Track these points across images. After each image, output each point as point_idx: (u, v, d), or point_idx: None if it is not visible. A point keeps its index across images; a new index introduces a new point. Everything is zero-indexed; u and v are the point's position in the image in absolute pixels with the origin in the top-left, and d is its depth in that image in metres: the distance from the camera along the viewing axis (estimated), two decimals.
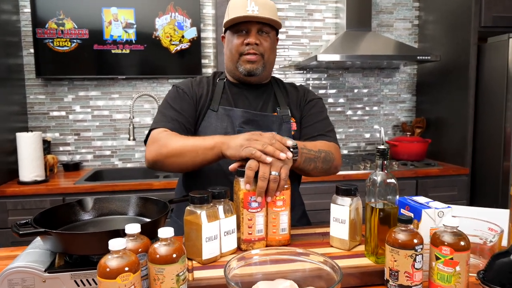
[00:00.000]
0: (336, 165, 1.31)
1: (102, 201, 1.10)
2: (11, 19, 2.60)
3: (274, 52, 1.43)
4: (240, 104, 1.41)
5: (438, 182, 2.64)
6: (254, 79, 1.41)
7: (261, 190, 1.01)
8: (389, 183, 0.97)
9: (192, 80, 1.45)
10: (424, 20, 3.19)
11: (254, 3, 1.31)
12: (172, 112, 1.35)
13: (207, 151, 1.14)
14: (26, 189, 2.19)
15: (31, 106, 2.77)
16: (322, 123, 1.42)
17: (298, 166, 1.17)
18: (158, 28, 2.80)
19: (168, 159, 1.20)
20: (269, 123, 1.37)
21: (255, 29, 1.34)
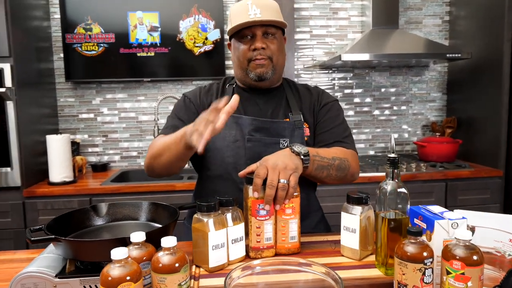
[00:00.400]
0: (353, 173, 1.28)
1: (115, 206, 1.12)
2: (42, 25, 2.69)
3: (283, 53, 1.40)
4: (250, 110, 1.38)
5: (469, 184, 2.54)
6: (265, 84, 1.38)
7: (269, 198, 1.00)
8: (399, 192, 0.94)
9: (201, 88, 1.45)
10: (455, 15, 3.08)
11: (255, 6, 1.28)
12: (176, 121, 1.36)
13: (178, 143, 1.12)
14: (55, 190, 2.26)
15: (61, 108, 2.86)
16: (339, 128, 1.38)
17: (310, 174, 1.15)
18: (182, 31, 2.83)
19: (154, 161, 1.24)
20: (280, 130, 1.34)
21: (260, 33, 1.31)
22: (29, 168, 2.33)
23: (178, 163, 1.21)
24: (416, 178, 2.48)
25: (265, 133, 1.33)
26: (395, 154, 0.98)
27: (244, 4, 1.30)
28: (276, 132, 1.34)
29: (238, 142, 1.32)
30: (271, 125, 1.34)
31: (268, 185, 1.00)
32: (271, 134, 1.33)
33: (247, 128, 1.33)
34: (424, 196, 2.50)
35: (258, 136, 1.32)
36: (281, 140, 1.33)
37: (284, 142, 1.33)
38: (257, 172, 1.01)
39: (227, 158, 1.32)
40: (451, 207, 2.51)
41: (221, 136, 1.33)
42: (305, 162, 1.09)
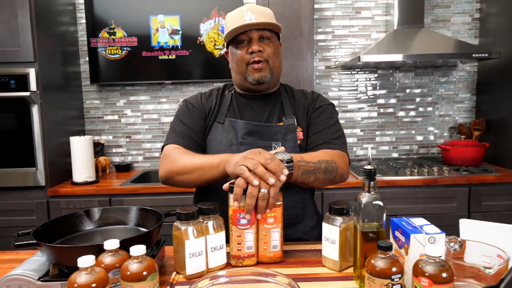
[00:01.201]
0: (341, 174, 1.27)
1: (108, 211, 1.16)
2: (69, 30, 2.80)
3: (279, 57, 1.42)
4: (246, 115, 1.41)
5: (494, 190, 2.43)
6: (264, 87, 1.40)
7: (249, 207, 1.00)
8: (375, 204, 0.92)
9: (202, 94, 1.48)
10: (486, 13, 2.95)
11: (250, 12, 1.32)
12: (182, 127, 1.38)
13: (214, 168, 1.16)
14: (77, 190, 2.36)
15: (87, 110, 2.97)
16: (329, 129, 1.38)
17: (296, 180, 1.15)
18: (202, 33, 2.86)
19: (178, 176, 1.25)
20: (273, 133, 1.36)
21: (256, 36, 1.34)
22: (54, 168, 2.44)
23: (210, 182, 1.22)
24: (437, 182, 2.40)
25: (258, 136, 1.35)
26: (372, 165, 0.95)
27: (239, 11, 1.34)
28: (268, 135, 1.35)
29: (233, 146, 1.35)
30: (263, 129, 1.36)
31: (248, 194, 1.00)
32: (263, 137, 1.35)
33: (240, 132, 1.35)
34: (445, 202, 2.42)
35: (251, 140, 1.34)
36: (274, 143, 1.35)
37: (276, 146, 1.34)
38: (237, 181, 1.02)
39: None
40: (474, 213, 2.42)
41: (218, 140, 1.37)
42: (289, 169, 1.08)
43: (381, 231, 0.92)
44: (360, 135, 3.08)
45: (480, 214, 2.42)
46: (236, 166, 1.04)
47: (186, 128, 1.37)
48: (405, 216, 2.44)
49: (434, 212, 2.42)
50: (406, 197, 2.41)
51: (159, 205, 2.35)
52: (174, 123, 1.41)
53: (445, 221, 2.42)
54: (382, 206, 0.92)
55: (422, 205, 2.41)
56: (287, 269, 1.02)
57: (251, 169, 1.01)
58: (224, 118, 1.39)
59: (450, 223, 2.41)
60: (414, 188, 2.41)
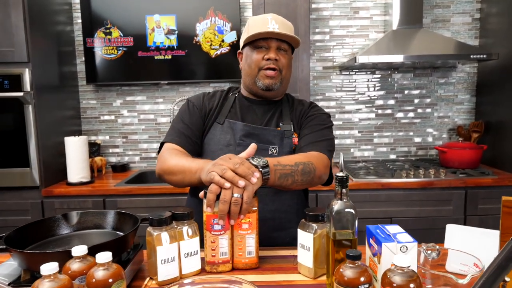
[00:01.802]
0: (319, 175, 1.28)
1: (87, 215, 1.16)
2: (66, 29, 2.80)
3: (290, 69, 1.47)
4: (247, 117, 1.46)
5: (491, 193, 2.40)
6: (271, 94, 1.45)
7: (222, 213, 1.00)
8: (347, 212, 0.90)
9: (205, 94, 1.52)
10: (486, 13, 2.91)
11: (274, 21, 1.37)
12: (181, 126, 1.43)
13: (192, 174, 1.18)
14: (72, 190, 2.36)
15: (84, 110, 2.98)
16: (316, 134, 1.40)
17: (273, 184, 1.15)
18: (198, 33, 2.85)
19: (166, 175, 1.30)
20: (270, 137, 1.40)
21: (274, 46, 1.39)
22: (49, 168, 2.45)
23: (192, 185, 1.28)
24: (433, 185, 2.37)
25: (256, 139, 1.37)
26: (344, 172, 0.93)
27: (264, 18, 1.40)
28: (266, 139, 1.39)
29: (231, 146, 1.38)
30: (261, 131, 1.40)
31: (221, 200, 0.99)
32: (261, 140, 1.38)
33: (239, 133, 1.39)
34: (441, 204, 2.39)
35: (248, 142, 1.35)
36: (270, 147, 1.39)
37: (273, 149, 1.39)
38: (210, 187, 1.01)
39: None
40: (471, 216, 2.39)
41: (217, 139, 1.41)
42: (264, 174, 1.08)
43: (353, 239, 0.91)
44: (358, 136, 3.05)
45: (476, 218, 2.39)
46: (207, 173, 1.05)
47: (184, 126, 1.41)
48: (400, 219, 2.40)
49: (429, 215, 2.39)
50: (401, 200, 2.39)
51: (153, 206, 2.34)
52: (175, 121, 1.46)
53: (441, 224, 2.37)
54: (354, 214, 0.91)
55: (418, 207, 2.39)
56: (261, 276, 1.01)
57: (220, 174, 1.01)
58: (224, 119, 1.43)
59: (445, 226, 2.38)
60: (409, 191, 2.38)
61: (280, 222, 1.37)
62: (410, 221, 2.39)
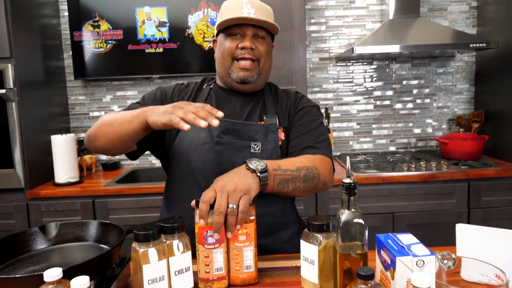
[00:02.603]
0: (324, 181, 1.16)
1: (66, 227, 1.04)
2: (52, 23, 2.68)
3: (270, 58, 1.33)
4: (225, 111, 1.25)
5: (494, 185, 2.34)
6: (248, 87, 1.31)
7: (217, 225, 0.89)
8: (356, 223, 0.82)
9: (178, 84, 1.39)
10: (484, 1, 2.84)
11: (250, 5, 1.22)
12: (137, 106, 1.26)
13: (133, 118, 1.05)
14: (59, 191, 2.25)
15: (72, 107, 2.86)
16: (312, 133, 1.28)
17: (272, 190, 1.04)
18: (191, 26, 2.75)
19: (98, 130, 1.16)
20: (252, 132, 1.26)
21: (250, 33, 1.25)
22: (34, 169, 2.33)
23: (125, 140, 1.12)
24: (435, 178, 2.31)
25: (236, 135, 1.24)
26: (352, 179, 0.85)
27: (239, 1, 1.24)
28: (247, 135, 1.25)
29: (206, 145, 1.23)
30: (242, 127, 1.26)
31: (215, 210, 0.89)
32: (242, 137, 1.25)
33: (216, 130, 1.24)
34: (444, 198, 2.33)
35: (228, 139, 1.23)
36: (252, 143, 1.24)
37: (255, 146, 1.24)
38: (203, 196, 0.91)
39: (194, 162, 1.23)
40: (474, 209, 2.33)
41: (189, 138, 1.25)
42: (262, 179, 0.98)
43: (363, 252, 0.82)
44: (357, 128, 2.98)
45: (480, 210, 2.33)
46: (164, 114, 0.96)
47: (138, 106, 1.25)
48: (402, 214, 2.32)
49: (432, 208, 2.33)
50: (403, 194, 2.32)
51: (145, 206, 2.25)
52: (134, 102, 1.33)
53: (444, 218, 2.33)
54: (364, 224, 0.82)
55: (420, 201, 2.32)
56: None
57: (182, 116, 0.93)
58: None
59: (449, 220, 2.33)
60: (411, 184, 2.32)
61: (267, 227, 1.23)
62: (413, 215, 2.32)
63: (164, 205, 1.38)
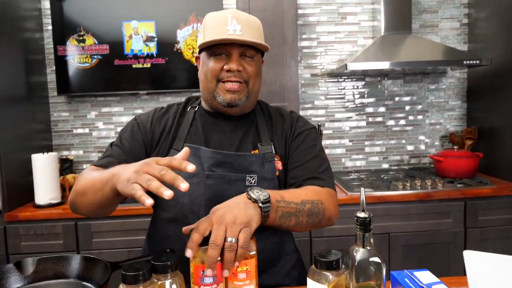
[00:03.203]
0: (329, 217, 1.07)
1: (45, 262, 0.93)
2: (34, 36, 2.58)
3: (260, 77, 1.21)
4: (213, 139, 1.18)
5: (491, 203, 2.29)
6: (236, 110, 1.19)
7: (211, 261, 0.77)
8: (372, 262, 0.74)
9: (156, 110, 1.25)
10: (475, 18, 2.84)
11: (236, 21, 1.09)
12: (115, 148, 1.16)
13: (103, 186, 0.92)
14: (39, 213, 2.12)
15: (55, 124, 2.74)
16: (314, 161, 1.17)
17: (273, 224, 0.95)
18: (179, 40, 2.68)
19: (77, 199, 1.04)
20: (247, 164, 1.14)
21: (236, 53, 1.12)
22: (13, 189, 2.20)
23: (104, 207, 1.00)
24: (431, 197, 2.25)
25: (229, 168, 1.13)
26: (367, 212, 0.77)
27: (223, 17, 1.11)
28: (242, 167, 1.14)
29: (195, 178, 1.11)
30: (235, 159, 1.14)
31: (210, 243, 0.78)
32: (235, 169, 1.13)
33: (207, 162, 1.12)
34: (441, 217, 2.26)
35: (220, 172, 1.12)
36: (248, 176, 1.13)
37: (251, 179, 1.13)
38: (197, 225, 0.81)
39: (182, 198, 1.11)
40: (471, 229, 2.28)
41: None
42: (264, 210, 0.89)
43: None
44: (349, 145, 2.92)
45: (477, 230, 2.28)
46: (128, 184, 0.80)
47: (118, 150, 1.15)
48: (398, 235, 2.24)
49: (429, 228, 2.26)
50: (399, 214, 2.25)
51: (131, 229, 2.14)
52: (114, 142, 1.20)
53: (441, 238, 2.27)
54: (381, 263, 0.75)
55: (416, 221, 2.26)
56: None
57: (145, 186, 0.77)
58: (183, 144, 1.15)
59: (446, 240, 2.27)
60: (407, 204, 2.25)
61: (264, 263, 1.10)
62: (409, 236, 2.25)
63: (146, 243, 1.26)
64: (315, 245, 2.23)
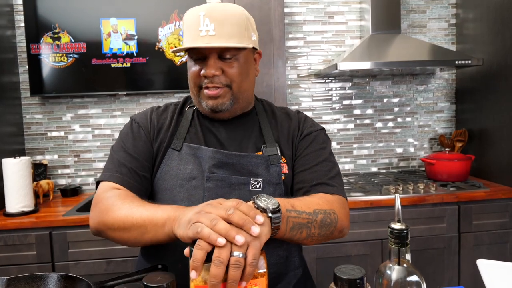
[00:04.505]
0: (342, 228, 0.97)
1: (18, 282, 0.79)
2: (5, 34, 2.42)
3: (249, 76, 1.09)
4: (212, 139, 1.09)
5: (485, 207, 2.23)
6: (224, 115, 1.10)
7: (215, 280, 0.66)
8: (409, 282, 0.64)
9: (153, 109, 1.16)
10: (463, 18, 2.80)
11: (208, 19, 0.98)
12: (123, 155, 1.05)
13: (157, 228, 0.83)
14: (10, 223, 1.96)
15: (27, 126, 2.58)
16: (323, 165, 1.07)
17: (283, 236, 0.84)
18: (161, 39, 2.55)
19: (111, 231, 0.92)
20: (251, 166, 1.05)
21: (213, 56, 1.01)
22: None
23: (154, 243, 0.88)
24: (425, 201, 2.18)
25: (231, 170, 1.04)
26: (403, 223, 0.67)
27: (195, 15, 1.00)
28: (245, 169, 1.05)
29: (194, 181, 1.02)
30: (238, 159, 1.05)
31: (214, 260, 0.67)
32: (238, 171, 1.04)
33: (207, 163, 1.03)
34: (434, 222, 2.20)
35: (221, 174, 1.03)
36: (252, 179, 1.04)
37: (255, 183, 1.04)
38: (199, 241, 0.68)
39: (180, 202, 1.01)
40: (465, 233, 2.21)
41: (174, 173, 1.03)
42: (274, 221, 0.77)
43: None
44: (337, 148, 2.84)
45: (471, 235, 2.21)
46: (188, 225, 0.72)
47: (127, 157, 1.05)
48: None
49: (422, 234, 2.19)
50: (392, 219, 2.16)
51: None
52: (115, 149, 1.08)
53: (435, 244, 2.19)
54: (421, 282, 0.64)
55: (410, 226, 2.17)
56: None
57: (209, 226, 0.69)
58: (182, 144, 1.07)
59: (440, 246, 2.20)
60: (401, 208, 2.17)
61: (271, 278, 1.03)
62: None
63: (141, 254, 1.14)
64: (305, 253, 2.13)
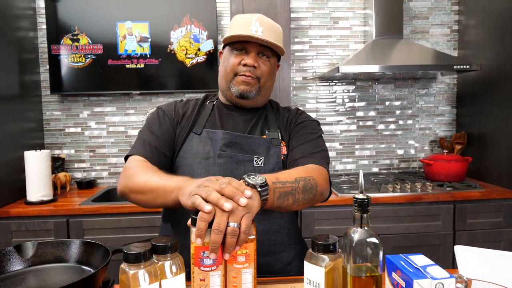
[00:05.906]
0: (321, 191, 1.13)
1: (45, 246, 0.94)
2: (28, 35, 2.59)
3: (272, 78, 1.34)
4: (227, 126, 1.30)
5: (480, 207, 2.32)
6: (247, 103, 1.31)
7: (214, 245, 0.79)
8: (369, 242, 0.76)
9: (177, 101, 1.38)
10: (465, 24, 2.89)
11: (259, 23, 1.23)
12: (149, 136, 1.25)
13: (167, 194, 1.00)
14: (30, 210, 2.12)
15: (47, 122, 2.74)
16: (309, 144, 1.26)
17: (272, 205, 0.98)
18: (173, 42, 2.70)
19: (132, 194, 1.11)
20: (255, 146, 1.26)
21: (255, 51, 1.26)
22: (5, 186, 2.21)
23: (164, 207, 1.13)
24: (421, 199, 2.28)
25: (238, 149, 1.24)
26: (365, 194, 0.80)
27: (248, 17, 1.25)
28: (250, 148, 1.25)
29: (210, 159, 1.23)
30: (244, 140, 1.25)
31: (213, 229, 0.79)
32: (244, 150, 1.25)
33: (219, 143, 1.24)
34: (430, 220, 2.29)
35: (230, 152, 1.22)
36: (255, 157, 1.24)
37: (258, 160, 1.23)
38: (201, 213, 0.82)
39: (197, 175, 1.15)
40: (460, 231, 2.31)
41: (194, 151, 1.24)
42: (263, 194, 0.91)
43: (377, 275, 0.77)
44: (340, 149, 2.95)
45: (465, 233, 2.31)
46: (190, 195, 0.87)
47: (153, 137, 1.25)
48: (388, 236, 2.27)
49: (418, 231, 2.29)
50: (389, 216, 2.28)
51: (123, 227, 2.14)
52: (142, 131, 1.29)
53: (430, 241, 2.29)
54: (378, 244, 0.77)
55: (406, 223, 2.28)
56: None
57: (204, 197, 0.83)
58: (202, 129, 1.27)
59: (435, 243, 2.30)
60: (397, 206, 2.28)
61: (269, 245, 1.21)
62: (398, 238, 2.28)
63: (163, 221, 1.32)
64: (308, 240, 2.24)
